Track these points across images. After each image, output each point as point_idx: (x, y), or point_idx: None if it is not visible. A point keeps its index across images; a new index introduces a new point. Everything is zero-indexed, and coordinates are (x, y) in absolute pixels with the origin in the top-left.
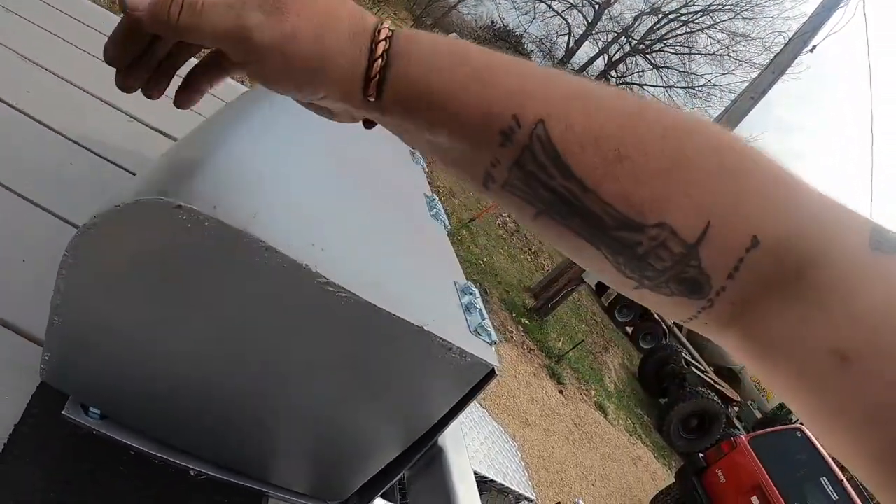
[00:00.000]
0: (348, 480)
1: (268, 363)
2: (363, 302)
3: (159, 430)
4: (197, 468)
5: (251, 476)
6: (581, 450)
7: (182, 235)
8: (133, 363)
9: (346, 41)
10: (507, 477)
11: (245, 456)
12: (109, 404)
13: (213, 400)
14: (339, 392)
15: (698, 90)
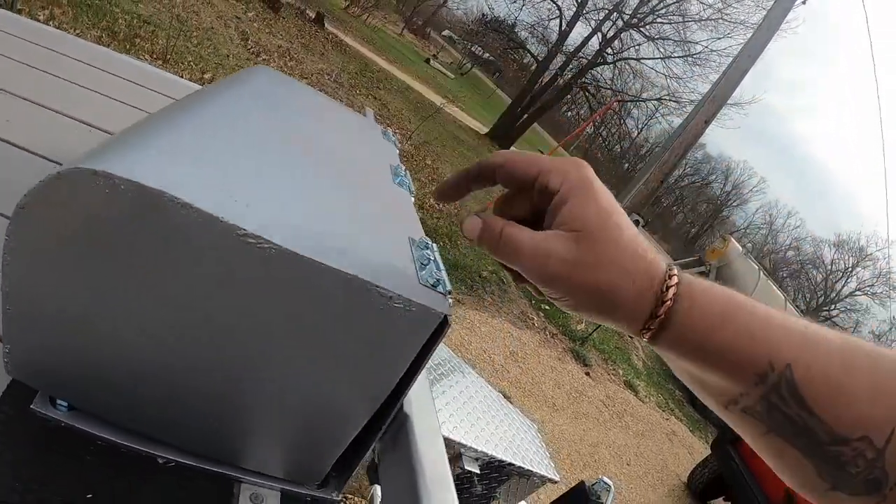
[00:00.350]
0: (320, 458)
1: (214, 334)
2: (288, 252)
3: (126, 418)
4: (165, 455)
5: (222, 461)
6: (613, 430)
7: (105, 203)
8: (89, 348)
9: (635, 295)
10: (527, 459)
11: (213, 440)
12: (75, 395)
13: (172, 381)
14: (292, 359)
15: (696, 58)
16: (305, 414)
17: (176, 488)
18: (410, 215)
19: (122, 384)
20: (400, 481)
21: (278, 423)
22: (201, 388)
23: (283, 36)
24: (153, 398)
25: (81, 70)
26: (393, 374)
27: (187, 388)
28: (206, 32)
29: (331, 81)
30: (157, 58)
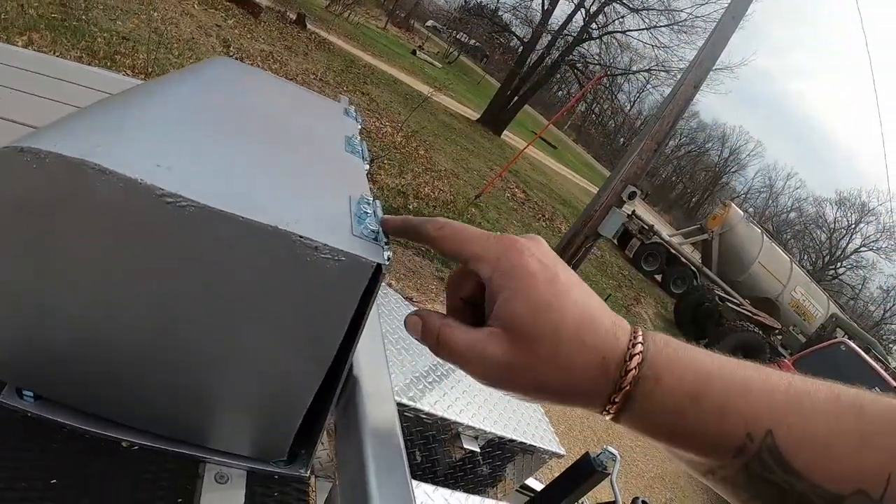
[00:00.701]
0: (281, 432)
1: (152, 305)
2: (206, 209)
3: (89, 404)
4: (128, 439)
5: (186, 442)
6: None
7: (34, 179)
8: (44, 333)
9: (588, 385)
10: (530, 435)
11: (175, 421)
12: (39, 384)
13: (124, 359)
14: (232, 326)
15: (681, 25)
16: (256, 385)
17: (140, 470)
18: (358, 178)
19: (81, 369)
20: (349, 448)
21: (232, 399)
22: (152, 365)
23: (265, 40)
24: (112, 382)
25: (55, 85)
26: (334, 333)
27: (139, 367)
28: (188, 43)
29: (316, 80)
30: (139, 72)
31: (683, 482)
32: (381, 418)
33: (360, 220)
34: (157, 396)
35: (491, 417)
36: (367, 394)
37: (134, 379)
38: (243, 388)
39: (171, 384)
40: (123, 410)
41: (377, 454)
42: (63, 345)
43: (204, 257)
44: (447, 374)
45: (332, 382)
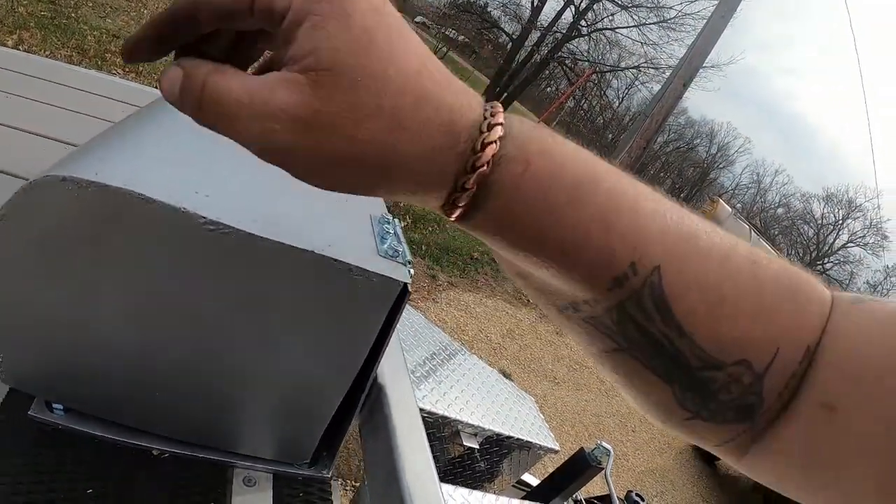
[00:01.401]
0: (306, 436)
1: (190, 323)
2: (246, 234)
3: (121, 415)
4: (159, 447)
5: (214, 448)
6: (615, 399)
7: (76, 207)
8: (77, 350)
9: (425, 159)
10: (526, 431)
11: (204, 429)
12: (69, 397)
13: (158, 374)
14: (266, 341)
15: (671, 22)
16: (286, 394)
17: (172, 477)
18: (374, 199)
19: (113, 382)
20: (377, 451)
21: (262, 406)
22: (186, 378)
23: None
24: (143, 393)
25: (54, 90)
26: (362, 345)
27: (173, 380)
28: None
29: None
30: (130, 71)
31: (674, 476)
32: (406, 423)
33: (383, 240)
34: (190, 407)
35: (489, 415)
36: (392, 401)
37: (168, 391)
38: (273, 398)
39: (204, 395)
40: (155, 420)
41: (407, 457)
42: (97, 361)
43: (242, 278)
44: (448, 373)
45: (357, 390)
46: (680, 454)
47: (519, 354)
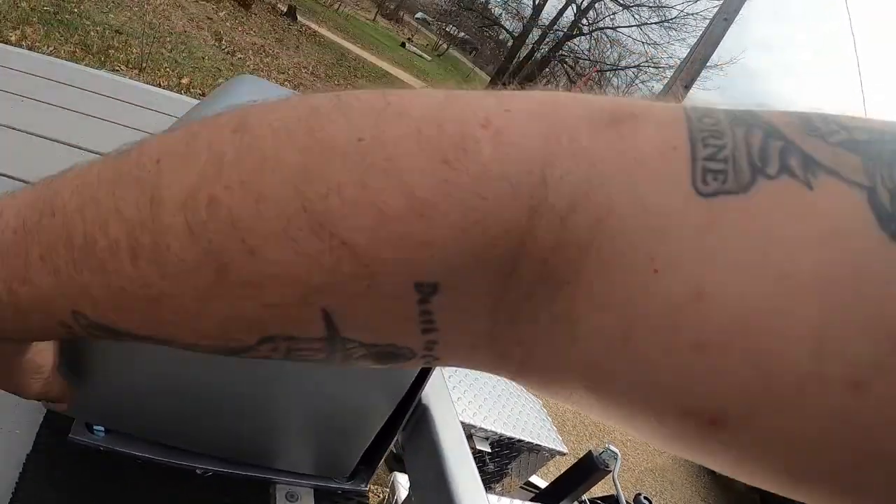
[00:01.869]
0: (348, 454)
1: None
2: None
3: (164, 436)
4: (203, 466)
5: (256, 465)
6: None
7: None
8: (121, 374)
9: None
10: (535, 434)
11: (248, 447)
12: (111, 420)
13: (205, 398)
14: (316, 368)
15: (672, 22)
16: (332, 416)
17: (217, 496)
18: None
19: (156, 405)
20: (426, 467)
21: (307, 427)
22: (233, 403)
23: (256, 32)
24: (188, 415)
25: (55, 89)
26: (409, 372)
27: (220, 404)
28: (180, 37)
29: (308, 74)
30: (133, 67)
31: (672, 475)
32: (450, 439)
33: None
34: (236, 428)
35: (500, 419)
36: (436, 420)
37: (213, 414)
38: (319, 419)
39: (249, 418)
40: (200, 441)
41: (455, 473)
42: (142, 385)
43: None
44: (460, 381)
45: (401, 411)
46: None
47: None
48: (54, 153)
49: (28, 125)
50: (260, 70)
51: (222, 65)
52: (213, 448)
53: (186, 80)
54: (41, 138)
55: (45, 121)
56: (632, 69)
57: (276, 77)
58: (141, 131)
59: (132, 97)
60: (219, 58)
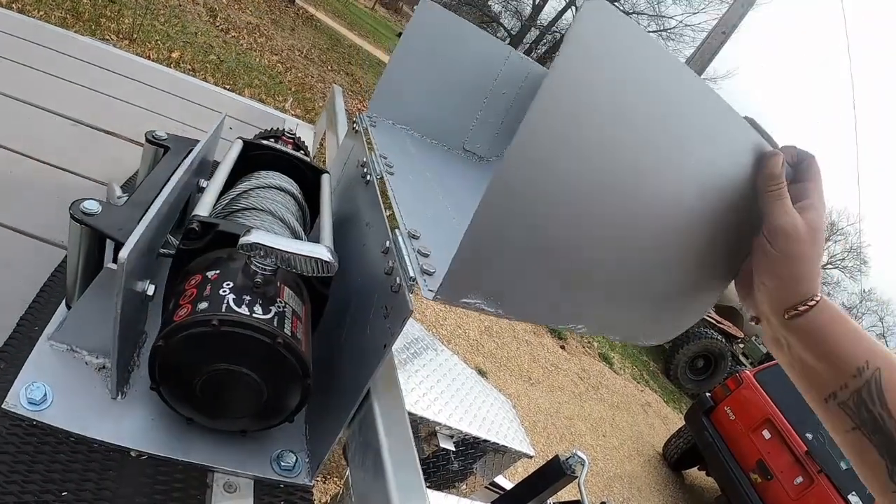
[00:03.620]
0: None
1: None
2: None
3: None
4: (137, 449)
5: (194, 452)
6: (588, 402)
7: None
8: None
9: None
10: (502, 435)
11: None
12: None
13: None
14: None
15: (670, 32)
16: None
17: (151, 481)
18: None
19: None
20: (365, 466)
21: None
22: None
23: (252, 12)
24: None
25: (44, 55)
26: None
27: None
28: (174, 10)
29: (302, 57)
30: (124, 38)
31: (640, 482)
32: (394, 439)
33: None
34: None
35: (466, 417)
36: (381, 415)
37: None
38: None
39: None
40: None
41: (394, 474)
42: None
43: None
44: (428, 375)
45: (347, 405)
46: (648, 461)
47: (496, 352)
48: (33, 118)
49: (14, 89)
50: (253, 50)
51: (215, 41)
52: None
53: (177, 55)
54: (19, 102)
55: (29, 85)
56: None
57: (269, 58)
58: (127, 102)
59: (119, 67)
60: (212, 34)
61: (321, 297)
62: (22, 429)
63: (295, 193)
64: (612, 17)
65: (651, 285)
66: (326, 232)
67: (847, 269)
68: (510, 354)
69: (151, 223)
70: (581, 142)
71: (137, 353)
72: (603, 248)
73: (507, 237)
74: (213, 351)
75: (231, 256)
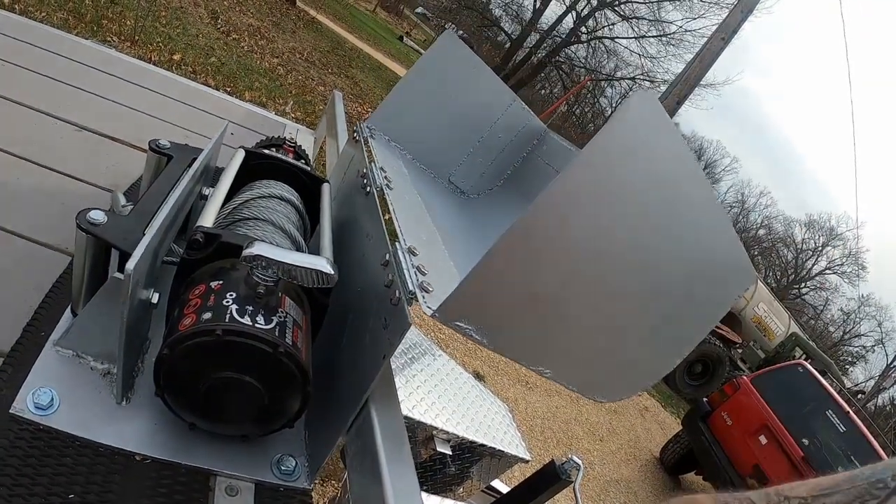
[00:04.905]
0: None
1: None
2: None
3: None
4: (141, 452)
5: (196, 456)
6: (586, 407)
7: None
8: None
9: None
10: (499, 440)
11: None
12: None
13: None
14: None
15: (670, 38)
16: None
17: (154, 483)
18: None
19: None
20: (363, 471)
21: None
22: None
23: (253, 14)
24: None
25: (47, 59)
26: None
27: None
28: (175, 12)
29: (302, 60)
30: (126, 39)
31: (637, 487)
32: (390, 445)
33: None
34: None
35: (463, 422)
36: (378, 422)
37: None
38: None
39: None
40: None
41: (391, 482)
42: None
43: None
44: (425, 380)
45: (346, 412)
46: (645, 466)
47: (493, 356)
48: (38, 123)
49: (19, 94)
50: (254, 52)
51: (216, 44)
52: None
53: (178, 57)
54: (24, 107)
55: (31, 89)
56: (627, 80)
57: (270, 61)
58: (130, 108)
59: (122, 72)
60: (213, 36)
61: (321, 307)
62: (29, 433)
63: (295, 203)
64: (655, 111)
65: (616, 349)
66: (326, 242)
67: (845, 274)
68: (508, 358)
69: (156, 233)
70: (597, 212)
71: (141, 359)
72: (587, 307)
73: (509, 280)
74: (216, 359)
75: (234, 267)
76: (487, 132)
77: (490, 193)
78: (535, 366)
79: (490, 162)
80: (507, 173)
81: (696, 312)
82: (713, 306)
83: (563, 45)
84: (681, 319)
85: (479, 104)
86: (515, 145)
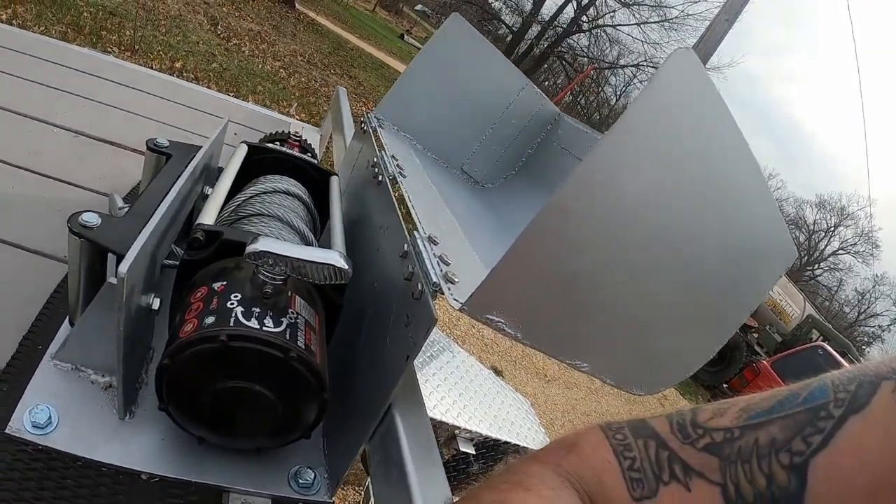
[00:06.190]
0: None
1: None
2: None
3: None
4: (147, 471)
5: (206, 473)
6: (605, 398)
7: None
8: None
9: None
10: (522, 436)
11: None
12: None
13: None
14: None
15: (672, 22)
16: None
17: (163, 502)
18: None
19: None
20: (388, 480)
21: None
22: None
23: (253, 19)
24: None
25: (42, 67)
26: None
27: None
28: (175, 20)
29: (304, 62)
30: (126, 49)
31: None
32: (418, 454)
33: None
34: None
35: (486, 420)
36: (403, 428)
37: None
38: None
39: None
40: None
41: (423, 484)
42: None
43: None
44: (445, 378)
45: (368, 420)
46: None
47: (510, 351)
48: (33, 131)
49: (13, 103)
50: (255, 56)
51: (217, 50)
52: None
53: (179, 64)
54: (18, 115)
55: (28, 98)
56: (630, 68)
57: (272, 64)
58: (129, 112)
59: (119, 76)
60: (214, 42)
61: (336, 306)
62: (27, 454)
63: (303, 197)
64: (696, 70)
65: (654, 337)
66: (338, 236)
67: (859, 253)
68: (525, 352)
69: (153, 234)
70: (639, 184)
71: (145, 369)
72: (626, 292)
73: (542, 267)
74: (222, 367)
75: (238, 266)
76: (500, 118)
77: (505, 181)
78: (573, 360)
79: (504, 149)
80: (521, 160)
81: (739, 294)
82: (756, 287)
83: (564, 36)
84: (723, 302)
85: (491, 90)
86: (529, 131)
